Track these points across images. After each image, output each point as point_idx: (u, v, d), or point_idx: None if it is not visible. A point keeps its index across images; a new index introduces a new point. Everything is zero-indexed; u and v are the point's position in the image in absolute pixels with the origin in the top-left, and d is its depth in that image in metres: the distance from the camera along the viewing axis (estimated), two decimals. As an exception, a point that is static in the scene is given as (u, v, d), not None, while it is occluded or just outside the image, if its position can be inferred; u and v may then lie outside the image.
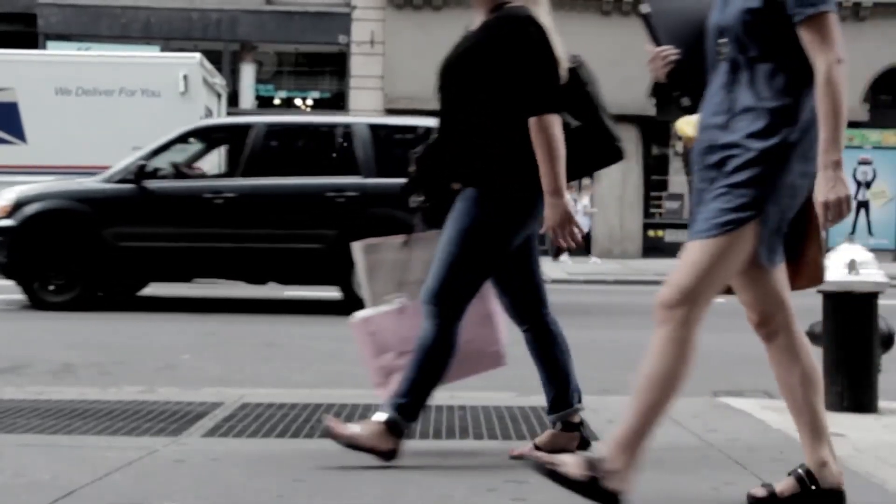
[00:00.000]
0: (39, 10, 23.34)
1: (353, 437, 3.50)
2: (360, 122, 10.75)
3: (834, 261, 4.75)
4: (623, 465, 2.84)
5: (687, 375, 2.90)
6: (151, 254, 10.06)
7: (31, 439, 3.92)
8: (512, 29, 3.45)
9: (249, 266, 10.18)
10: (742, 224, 2.83)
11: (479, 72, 3.49)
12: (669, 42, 3.09)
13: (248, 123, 10.74)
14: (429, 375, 3.52)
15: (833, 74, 2.77)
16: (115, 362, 6.76)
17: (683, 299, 2.85)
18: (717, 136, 2.90)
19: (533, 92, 3.42)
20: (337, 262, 9.80)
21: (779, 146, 2.82)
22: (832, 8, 2.81)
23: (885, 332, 4.79)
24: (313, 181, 10.11)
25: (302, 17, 23.71)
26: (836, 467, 3.07)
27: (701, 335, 2.91)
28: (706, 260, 2.85)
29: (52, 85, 15.14)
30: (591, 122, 3.58)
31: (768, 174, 2.82)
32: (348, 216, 9.85)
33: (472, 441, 4.04)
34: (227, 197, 9.95)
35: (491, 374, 4.00)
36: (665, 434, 4.18)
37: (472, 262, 3.50)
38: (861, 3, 23.95)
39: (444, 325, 3.50)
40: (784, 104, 2.84)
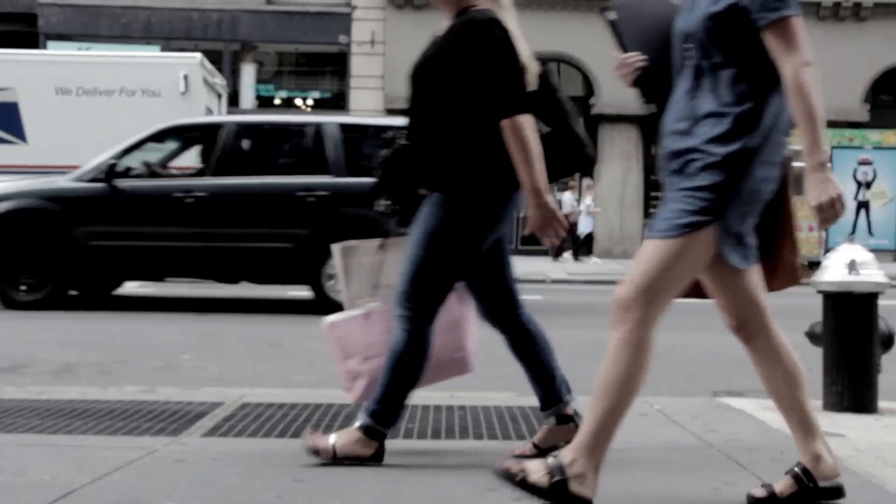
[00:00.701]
0: (40, 10, 23.35)
1: (334, 451, 3.51)
2: (331, 121, 10.75)
3: (834, 261, 4.75)
4: (587, 469, 2.86)
5: (643, 378, 2.91)
6: (122, 253, 10.05)
7: (31, 439, 3.93)
8: (476, 33, 3.45)
9: (220, 265, 10.18)
10: (699, 227, 2.83)
11: (444, 76, 3.49)
12: (636, 48, 3.09)
13: (219, 123, 10.80)
14: (402, 380, 3.53)
15: (801, 78, 2.76)
16: (115, 362, 6.76)
17: (640, 299, 2.85)
18: (679, 141, 2.91)
19: (501, 95, 3.42)
20: (307, 262, 9.88)
21: (740, 151, 2.82)
22: (796, 11, 2.80)
23: (886, 332, 4.79)
24: (283, 181, 10.14)
25: (302, 17, 23.72)
26: (831, 460, 3.08)
27: (657, 336, 2.91)
28: (662, 261, 2.85)
29: (53, 85, 15.12)
30: (560, 128, 3.59)
31: (729, 179, 2.82)
32: (319, 216, 9.88)
33: (472, 441, 4.04)
34: (197, 196, 9.96)
35: (491, 374, 4.00)
36: (665, 434, 4.20)
37: (439, 264, 3.50)
38: (861, 4, 23.96)
39: (414, 329, 3.50)
40: (746, 110, 2.83)
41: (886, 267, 6.24)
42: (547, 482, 2.83)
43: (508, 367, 3.96)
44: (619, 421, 2.91)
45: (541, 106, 3.56)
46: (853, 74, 23.91)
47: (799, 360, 3.12)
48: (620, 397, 2.88)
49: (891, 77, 24.56)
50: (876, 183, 17.93)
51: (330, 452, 3.51)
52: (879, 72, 24.31)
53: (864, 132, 18.81)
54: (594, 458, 2.88)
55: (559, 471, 2.85)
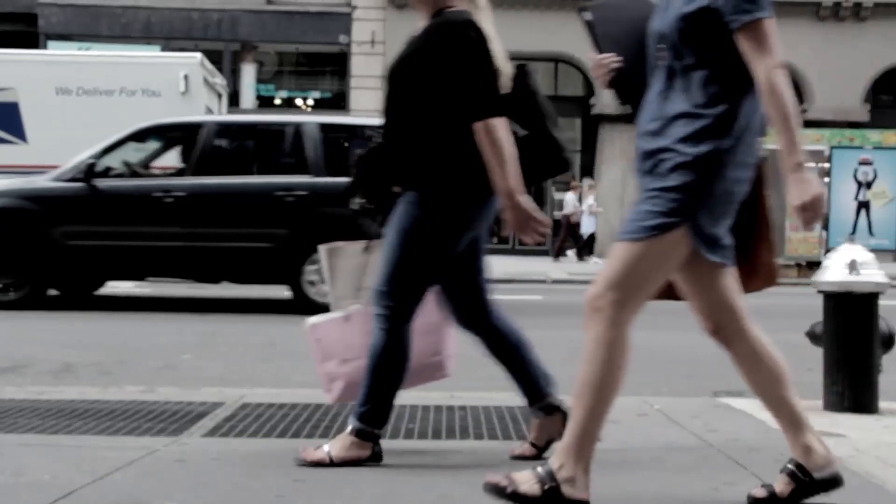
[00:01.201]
0: (40, 10, 23.36)
1: (330, 459, 3.51)
2: (311, 121, 10.76)
3: (835, 261, 4.75)
4: (576, 472, 2.87)
5: (621, 377, 2.91)
6: (101, 252, 10.05)
7: (31, 439, 3.93)
8: (452, 34, 3.45)
9: (199, 265, 10.18)
10: (668, 229, 2.83)
11: (419, 77, 3.49)
12: (611, 49, 3.09)
13: (199, 122, 10.77)
14: (384, 380, 3.53)
15: (774, 80, 2.76)
16: (115, 362, 6.76)
17: (610, 300, 2.85)
18: (651, 141, 2.90)
19: (474, 97, 3.41)
20: (286, 262, 9.90)
21: (711, 153, 2.81)
22: (769, 14, 2.80)
23: (886, 332, 4.79)
24: (262, 180, 10.16)
25: (303, 17, 23.73)
26: (822, 450, 3.08)
27: (633, 335, 2.91)
28: (631, 262, 2.85)
29: (53, 85, 15.13)
30: (537, 131, 3.57)
31: (699, 180, 2.81)
32: (298, 215, 9.90)
33: (473, 441, 4.04)
34: (176, 196, 9.96)
35: (491, 374, 4.00)
36: (665, 434, 4.20)
37: (415, 263, 3.50)
38: (862, 4, 23.97)
39: (392, 328, 3.51)
40: (718, 111, 2.83)
41: (887, 267, 6.25)
42: (539, 490, 2.85)
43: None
44: (601, 421, 2.91)
45: (518, 108, 3.56)
46: (853, 74, 23.93)
47: (780, 357, 3.12)
48: (600, 397, 2.89)
49: (891, 77, 24.57)
50: (876, 183, 17.91)
51: (326, 462, 3.51)
52: (880, 72, 24.32)
53: (864, 132, 18.80)
54: (581, 459, 2.88)
55: (549, 477, 2.87)
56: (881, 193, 17.91)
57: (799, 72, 24.31)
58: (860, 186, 17.89)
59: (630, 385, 6.37)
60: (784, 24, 18.95)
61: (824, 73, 23.92)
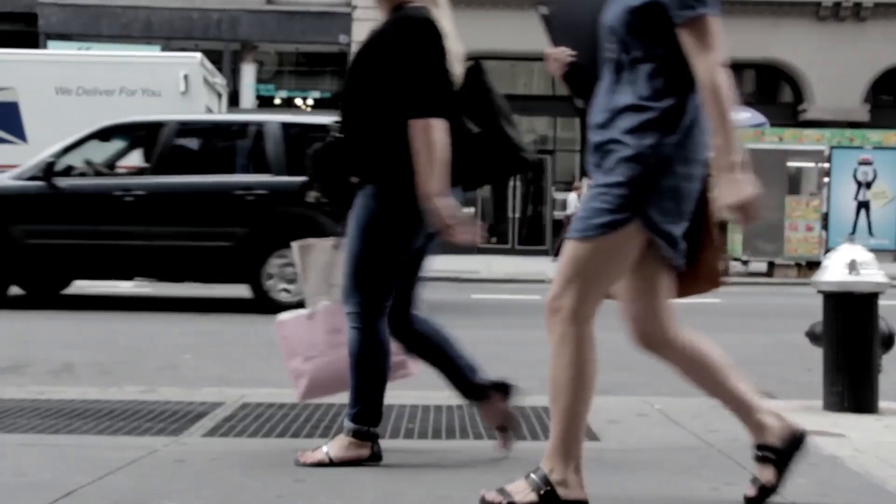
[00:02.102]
0: (40, 10, 23.35)
1: (330, 461, 3.51)
2: (272, 120, 10.78)
3: (834, 261, 4.75)
4: (566, 474, 2.88)
5: (592, 372, 2.90)
6: (61, 251, 10.05)
7: (31, 439, 3.93)
8: (405, 29, 3.46)
9: (159, 264, 10.18)
10: (619, 226, 2.81)
11: (375, 71, 3.50)
12: (565, 43, 3.09)
13: (160, 122, 10.75)
14: (368, 377, 3.54)
15: (715, 79, 2.73)
16: (115, 362, 6.76)
17: (568, 299, 2.85)
18: (599, 134, 2.90)
19: (416, 94, 3.41)
20: (247, 260, 9.92)
21: (656, 146, 2.79)
22: (713, 11, 2.77)
23: (886, 332, 4.79)
24: (222, 179, 10.16)
25: (303, 17, 23.73)
26: (775, 420, 3.07)
27: (596, 332, 2.91)
28: (586, 261, 2.84)
29: (53, 84, 15.13)
30: (491, 129, 3.56)
31: (645, 174, 2.79)
32: (258, 214, 9.91)
33: (473, 441, 4.04)
34: (136, 195, 9.97)
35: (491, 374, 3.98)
36: (665, 434, 4.20)
37: (377, 258, 3.50)
38: (862, 4, 23.97)
39: (365, 326, 3.51)
40: (665, 105, 2.81)
41: (886, 267, 6.25)
42: (536, 497, 2.86)
43: (509, 367, 3.96)
44: (581, 419, 2.90)
45: (471, 105, 3.56)
46: (853, 74, 23.93)
47: (713, 350, 3.08)
48: (574, 396, 2.87)
49: (891, 77, 24.57)
50: (876, 183, 17.89)
51: (326, 462, 3.51)
52: (880, 72, 24.32)
53: (864, 132, 18.78)
54: (569, 460, 2.89)
55: (544, 482, 2.88)
56: (881, 193, 17.89)
57: (799, 72, 24.31)
58: (860, 186, 17.88)
59: (630, 385, 6.40)
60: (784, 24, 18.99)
61: (824, 73, 23.92)
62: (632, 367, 6.98)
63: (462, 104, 3.53)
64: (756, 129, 18.41)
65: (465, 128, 3.52)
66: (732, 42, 11.25)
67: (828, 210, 17.78)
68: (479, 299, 12.80)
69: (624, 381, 6.13)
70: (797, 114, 24.43)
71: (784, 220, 17.60)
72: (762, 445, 3.07)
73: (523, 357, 3.87)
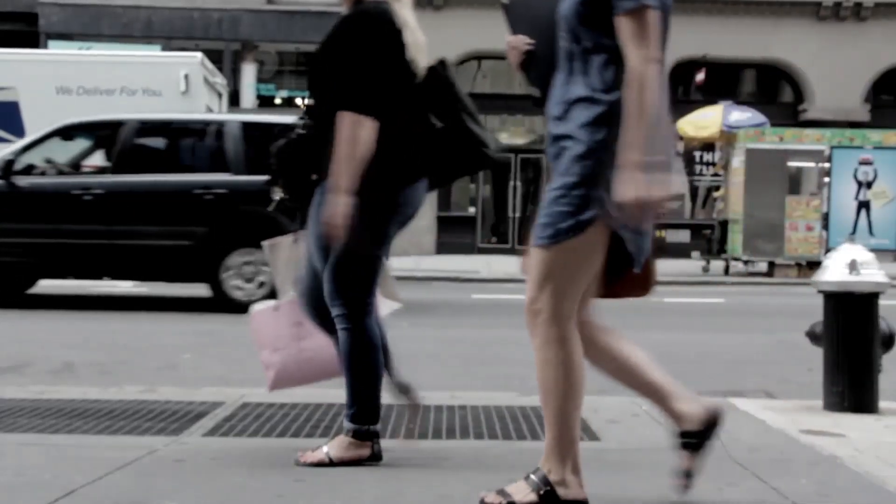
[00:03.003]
0: (41, 10, 23.34)
1: (330, 461, 3.52)
2: (232, 119, 10.80)
3: (835, 261, 4.75)
4: (564, 474, 2.88)
5: (578, 370, 2.89)
6: (20, 250, 10.05)
7: (32, 439, 3.93)
8: (353, 24, 3.48)
9: (118, 263, 10.19)
10: (586, 226, 2.80)
11: (325, 67, 3.51)
12: (524, 32, 3.08)
13: (121, 120, 10.76)
14: (363, 376, 3.54)
15: (645, 73, 2.71)
16: (115, 362, 6.76)
17: (548, 301, 2.85)
18: (556, 126, 2.89)
19: (351, 88, 3.42)
20: (206, 259, 9.95)
21: (609, 141, 2.77)
22: (654, 4, 2.75)
23: (886, 332, 4.79)
24: (182, 178, 10.18)
25: (303, 17, 23.72)
26: (692, 406, 3.06)
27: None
28: (557, 264, 2.83)
29: (54, 84, 15.12)
30: (454, 125, 3.55)
31: (601, 170, 2.77)
32: (217, 214, 9.95)
33: (473, 441, 4.04)
34: (96, 193, 9.99)
35: (491, 373, 3.99)
36: (665, 434, 4.19)
37: (356, 261, 3.50)
38: (862, 4, 23.95)
39: (354, 325, 3.52)
40: (615, 97, 2.79)
41: (887, 267, 6.24)
42: (536, 497, 2.87)
43: (509, 367, 3.95)
44: (573, 419, 2.90)
45: (435, 102, 3.57)
46: (854, 74, 23.91)
47: (630, 347, 3.09)
48: (564, 396, 2.88)
49: (892, 77, 24.55)
50: (876, 183, 17.85)
51: (326, 462, 3.51)
52: (880, 71, 24.30)
53: (864, 132, 18.74)
54: (566, 460, 2.89)
55: (544, 482, 2.88)
56: (881, 193, 17.86)
57: (799, 72, 24.30)
58: (860, 186, 17.84)
59: (630, 385, 6.32)
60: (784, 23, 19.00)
61: (825, 73, 23.90)
62: (632, 367, 6.98)
63: (426, 100, 3.54)
64: (756, 129, 18.40)
65: (429, 123, 3.53)
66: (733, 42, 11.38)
67: (828, 210, 17.76)
68: (479, 299, 12.79)
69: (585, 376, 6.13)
70: (797, 114, 24.41)
71: (784, 219, 17.58)
72: (686, 433, 3.06)
73: (523, 357, 3.87)
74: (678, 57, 24.01)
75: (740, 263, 18.07)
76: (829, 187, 17.88)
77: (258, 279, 10.03)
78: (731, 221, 18.09)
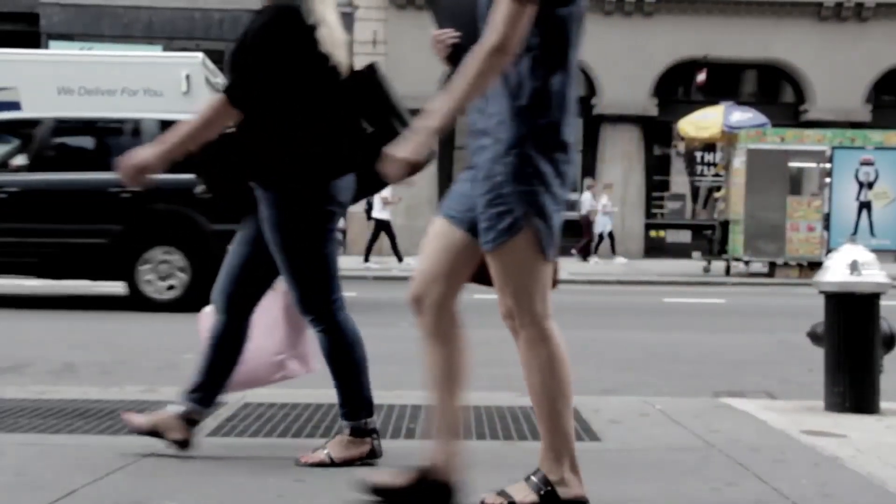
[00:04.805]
0: (42, 10, 23.36)
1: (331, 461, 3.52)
2: (150, 118, 10.82)
3: (836, 261, 4.75)
4: (562, 473, 2.89)
5: (563, 368, 2.89)
6: None
7: (32, 439, 3.93)
8: (258, 19, 3.49)
9: (35, 261, 10.22)
10: (524, 222, 2.79)
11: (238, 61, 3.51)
12: (450, 25, 3.08)
13: (38, 119, 10.80)
14: (348, 372, 3.59)
15: (485, 56, 2.72)
16: (116, 362, 6.76)
17: (517, 307, 2.86)
18: (476, 120, 2.89)
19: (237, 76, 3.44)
20: (122, 257, 10.03)
21: (528, 134, 2.79)
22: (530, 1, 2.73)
23: (887, 332, 4.79)
24: (97, 176, 10.15)
25: (304, 17, 23.72)
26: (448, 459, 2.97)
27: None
28: (512, 266, 2.84)
29: (55, 84, 15.10)
30: (383, 130, 3.53)
31: (524, 163, 2.78)
32: (133, 211, 9.99)
33: (474, 441, 4.04)
34: (10, 192, 10.04)
35: (491, 374, 3.99)
36: (666, 434, 4.19)
37: (305, 261, 3.52)
38: (864, 4, 23.95)
39: (327, 324, 3.57)
40: (531, 89, 2.80)
41: (888, 267, 6.24)
42: (537, 497, 2.88)
43: (509, 367, 3.95)
44: (564, 417, 2.90)
45: (364, 106, 3.58)
46: (855, 75, 23.92)
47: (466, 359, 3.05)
48: (552, 396, 2.89)
49: (893, 77, 24.56)
50: (878, 183, 17.85)
51: (326, 462, 3.52)
52: (882, 72, 24.31)
53: (865, 132, 18.74)
54: (563, 459, 2.89)
55: (544, 483, 2.89)
56: (882, 194, 17.86)
57: (800, 72, 24.30)
58: (861, 187, 17.85)
59: (631, 385, 6.38)
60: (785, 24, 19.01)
61: (826, 74, 23.91)
62: (633, 368, 6.99)
63: (356, 104, 3.56)
64: (757, 130, 18.40)
65: (360, 128, 3.53)
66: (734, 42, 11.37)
67: (829, 210, 17.76)
68: (480, 299, 12.78)
69: (625, 381, 6.13)
70: (799, 114, 24.41)
71: (785, 220, 17.58)
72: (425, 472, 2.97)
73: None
74: (679, 57, 24.06)
75: (741, 264, 18.07)
76: (830, 188, 17.88)
77: (170, 281, 10.15)
78: (732, 222, 18.10)
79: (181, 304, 10.03)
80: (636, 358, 7.12)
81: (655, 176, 25.11)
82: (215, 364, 3.79)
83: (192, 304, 9.89)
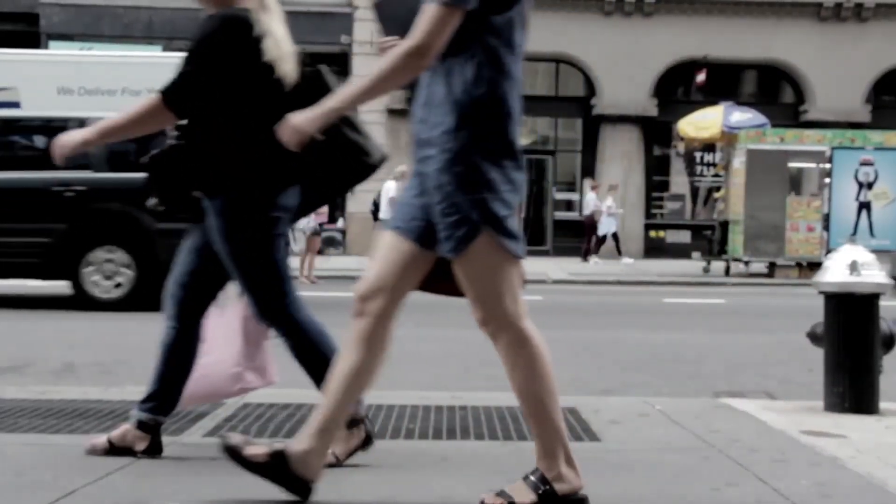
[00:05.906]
0: (41, 10, 23.36)
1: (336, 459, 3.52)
2: (95, 117, 10.79)
3: (835, 262, 4.75)
4: (557, 468, 2.91)
5: (544, 364, 2.91)
6: None
7: (32, 439, 3.93)
8: (201, 27, 3.51)
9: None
10: (479, 229, 2.79)
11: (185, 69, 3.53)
12: (395, 32, 3.09)
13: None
14: (325, 368, 3.53)
15: (403, 55, 2.76)
16: (116, 362, 6.76)
17: (491, 312, 2.87)
18: (420, 130, 2.90)
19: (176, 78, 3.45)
20: (65, 256, 10.03)
21: (473, 139, 2.79)
22: (451, 3, 2.74)
23: (887, 333, 4.79)
24: (40, 175, 10.11)
25: (304, 17, 23.68)
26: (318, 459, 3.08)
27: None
28: (477, 272, 2.84)
29: (55, 84, 15.11)
30: (333, 136, 3.47)
31: (473, 169, 2.79)
32: (76, 211, 10.00)
33: (474, 441, 4.04)
34: None
35: (491, 374, 3.98)
36: (666, 435, 4.20)
37: (257, 268, 3.53)
38: (863, 4, 23.96)
39: (288, 327, 3.59)
40: (475, 96, 2.80)
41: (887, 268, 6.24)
42: (536, 497, 2.89)
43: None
44: (552, 413, 2.92)
45: None
46: (855, 75, 23.92)
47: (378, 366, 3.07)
48: (536, 394, 2.91)
49: (893, 78, 24.56)
50: (877, 184, 17.86)
51: (333, 462, 3.52)
52: (881, 72, 24.31)
53: (865, 133, 18.75)
54: (557, 454, 2.91)
55: (542, 482, 2.91)
56: (882, 194, 17.86)
57: (800, 72, 24.30)
58: (861, 187, 17.84)
59: (631, 385, 6.39)
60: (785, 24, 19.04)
61: (825, 74, 23.90)
62: (633, 368, 6.99)
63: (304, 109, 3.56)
64: (757, 130, 18.40)
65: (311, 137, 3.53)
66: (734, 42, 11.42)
67: (829, 211, 17.76)
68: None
69: (625, 382, 6.13)
70: (798, 114, 24.41)
71: (785, 220, 17.58)
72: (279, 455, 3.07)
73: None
74: (679, 57, 24.05)
75: (741, 264, 18.08)
76: (829, 188, 17.88)
77: (116, 279, 10.16)
78: (731, 222, 18.10)
79: (126, 303, 10.08)
80: (636, 358, 7.12)
81: (655, 176, 25.10)
82: (169, 372, 3.79)
83: (138, 303, 9.95)
